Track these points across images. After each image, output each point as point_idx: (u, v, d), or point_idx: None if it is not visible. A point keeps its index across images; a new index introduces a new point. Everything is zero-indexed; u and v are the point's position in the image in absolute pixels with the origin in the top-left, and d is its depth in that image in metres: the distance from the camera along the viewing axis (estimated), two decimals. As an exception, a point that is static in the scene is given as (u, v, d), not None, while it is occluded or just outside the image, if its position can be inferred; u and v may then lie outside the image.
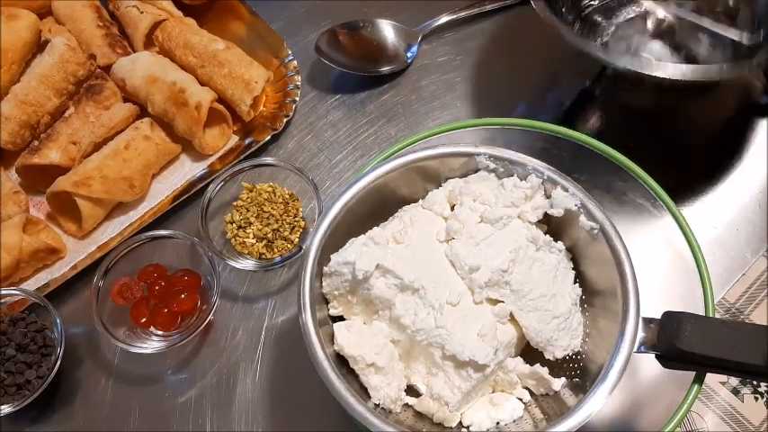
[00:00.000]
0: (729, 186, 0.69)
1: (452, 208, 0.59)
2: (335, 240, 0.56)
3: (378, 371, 0.52)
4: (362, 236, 0.56)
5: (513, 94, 0.75)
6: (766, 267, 0.65)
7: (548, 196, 0.57)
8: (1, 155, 0.71)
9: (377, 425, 0.48)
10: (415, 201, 0.60)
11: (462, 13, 0.79)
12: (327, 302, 0.56)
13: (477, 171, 0.59)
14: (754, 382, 0.61)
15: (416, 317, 0.53)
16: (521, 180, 0.57)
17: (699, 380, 0.50)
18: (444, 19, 0.79)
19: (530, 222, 0.58)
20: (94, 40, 0.75)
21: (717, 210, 0.68)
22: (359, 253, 0.54)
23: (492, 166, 0.58)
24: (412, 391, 0.55)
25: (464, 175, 0.59)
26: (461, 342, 0.51)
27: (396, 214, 0.59)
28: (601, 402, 0.48)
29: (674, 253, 0.64)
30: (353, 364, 0.53)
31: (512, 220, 0.57)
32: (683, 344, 0.46)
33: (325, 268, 0.55)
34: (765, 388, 0.60)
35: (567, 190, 0.55)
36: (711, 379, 0.61)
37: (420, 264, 0.54)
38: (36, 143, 0.70)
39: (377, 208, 0.58)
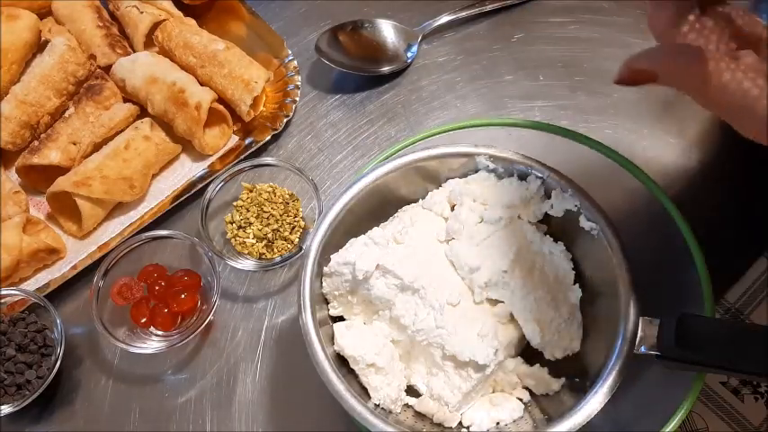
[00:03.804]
0: (729, 186, 0.69)
1: (452, 208, 0.59)
2: (335, 240, 0.56)
3: (378, 371, 0.52)
4: (362, 236, 0.56)
5: (513, 95, 0.75)
6: (766, 267, 0.65)
7: (548, 196, 0.57)
8: (1, 155, 0.70)
9: (377, 425, 0.48)
10: (415, 201, 0.60)
11: (462, 13, 0.79)
12: (327, 303, 0.56)
13: (477, 171, 0.59)
14: (754, 382, 0.61)
15: (416, 317, 0.53)
16: (520, 180, 0.57)
17: (699, 380, 0.50)
18: (444, 19, 0.79)
19: (530, 223, 0.58)
20: (94, 40, 0.75)
21: (717, 210, 0.68)
22: (359, 253, 0.54)
23: (492, 166, 0.58)
24: (412, 391, 0.55)
25: (464, 175, 0.59)
26: (461, 342, 0.51)
27: (396, 214, 0.59)
28: (600, 403, 0.48)
29: (673, 253, 0.64)
30: (353, 364, 0.53)
31: (512, 221, 0.57)
32: (683, 344, 0.46)
33: (326, 268, 0.55)
34: (765, 388, 0.60)
35: (566, 191, 0.55)
36: (711, 379, 0.60)
37: (420, 264, 0.54)
38: (36, 143, 0.70)
39: (377, 208, 0.58)
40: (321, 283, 0.56)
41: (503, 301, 0.54)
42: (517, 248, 0.55)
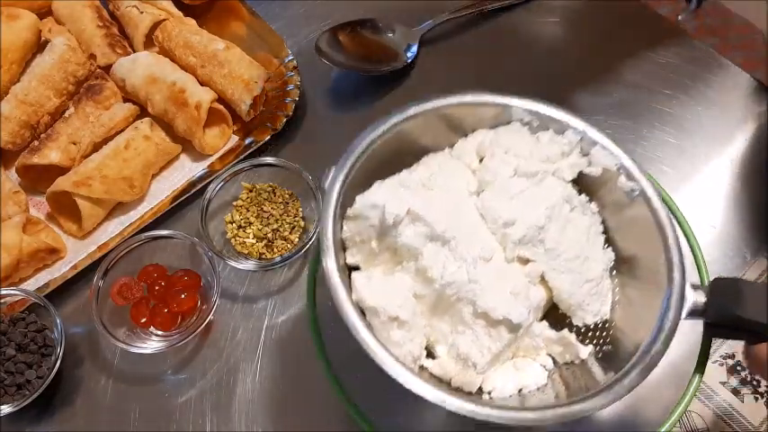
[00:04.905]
0: (729, 186, 0.69)
1: (480, 161, 0.55)
2: (356, 183, 0.51)
3: (401, 325, 0.48)
4: (389, 178, 0.51)
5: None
6: (766, 267, 0.65)
7: (584, 154, 0.54)
8: (1, 155, 0.70)
9: (410, 380, 0.43)
10: (437, 151, 0.56)
11: (462, 13, 0.80)
12: (345, 250, 0.51)
13: (508, 123, 0.55)
14: (755, 382, 0.61)
15: (445, 270, 0.48)
16: (557, 135, 0.54)
17: (695, 379, 0.50)
18: (444, 19, 0.79)
19: (564, 180, 0.54)
20: (94, 40, 0.75)
21: (716, 210, 0.68)
22: (389, 195, 0.49)
23: (527, 118, 0.54)
24: (427, 353, 0.51)
25: (493, 127, 0.55)
26: (495, 299, 0.48)
27: (421, 161, 0.55)
28: (652, 368, 0.45)
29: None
30: (373, 317, 0.48)
31: (547, 176, 0.53)
32: (743, 311, 0.44)
33: (349, 210, 0.50)
34: (765, 388, 0.60)
35: (607, 148, 0.52)
36: (711, 379, 0.61)
37: (450, 214, 0.50)
38: (36, 143, 0.70)
39: (396, 156, 0.54)
40: (341, 226, 0.50)
41: (533, 260, 0.51)
42: (552, 206, 0.51)
